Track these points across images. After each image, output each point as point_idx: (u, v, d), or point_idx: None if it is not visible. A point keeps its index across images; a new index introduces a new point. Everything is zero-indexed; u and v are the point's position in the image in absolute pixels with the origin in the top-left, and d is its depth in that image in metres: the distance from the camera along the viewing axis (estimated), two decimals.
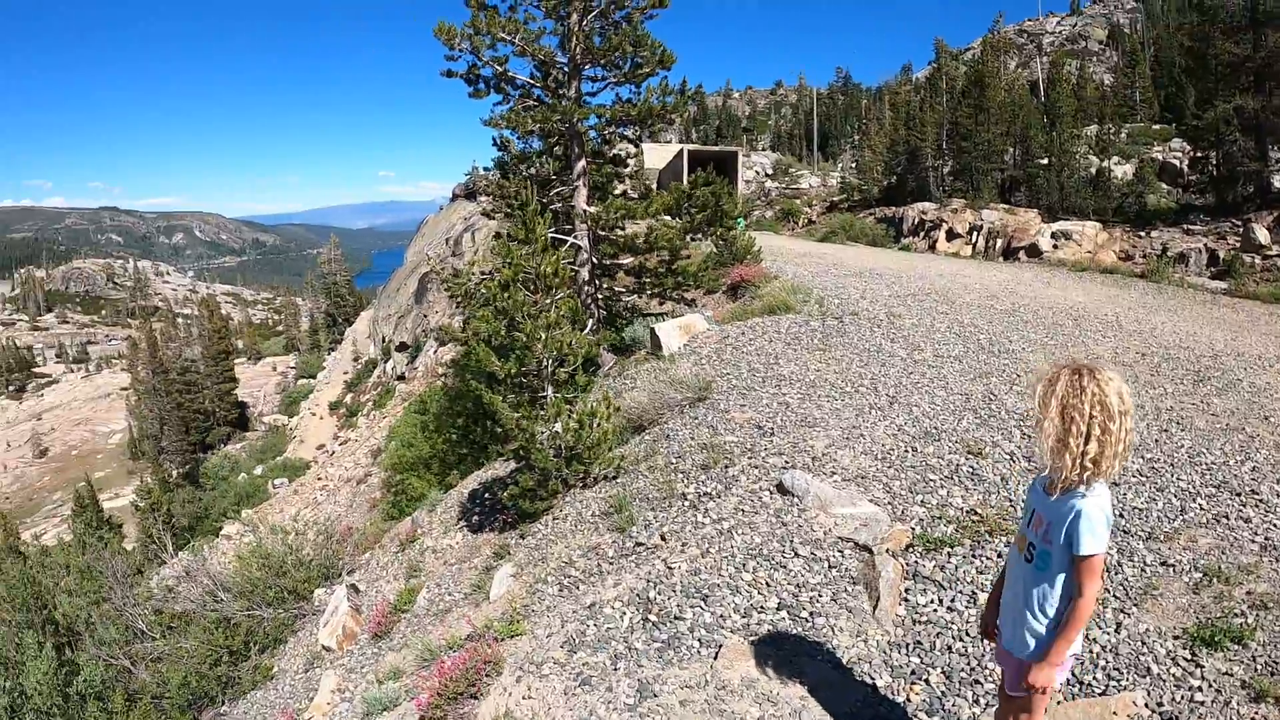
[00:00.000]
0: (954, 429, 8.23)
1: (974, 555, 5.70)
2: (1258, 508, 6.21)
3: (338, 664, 9.06)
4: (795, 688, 4.48)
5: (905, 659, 4.74)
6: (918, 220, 31.17)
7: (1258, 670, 4.31)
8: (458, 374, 23.70)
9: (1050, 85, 36.56)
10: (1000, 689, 3.40)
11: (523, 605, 6.56)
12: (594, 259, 15.69)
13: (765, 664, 4.68)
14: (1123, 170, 30.28)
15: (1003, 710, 3.43)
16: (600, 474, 8.87)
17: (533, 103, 15.17)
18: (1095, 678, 4.42)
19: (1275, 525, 5.91)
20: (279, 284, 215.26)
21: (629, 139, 16.89)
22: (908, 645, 4.86)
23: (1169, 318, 14.34)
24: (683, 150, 42.40)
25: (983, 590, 5.24)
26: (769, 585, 5.57)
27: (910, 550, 5.87)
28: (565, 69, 14.92)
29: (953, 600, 5.22)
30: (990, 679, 4.43)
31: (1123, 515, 6.11)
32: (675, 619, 5.34)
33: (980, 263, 24.87)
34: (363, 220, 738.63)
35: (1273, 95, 22.11)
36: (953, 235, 28.66)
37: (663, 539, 6.59)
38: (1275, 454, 7.38)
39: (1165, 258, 20.77)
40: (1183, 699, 4.20)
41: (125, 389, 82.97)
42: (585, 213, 14.98)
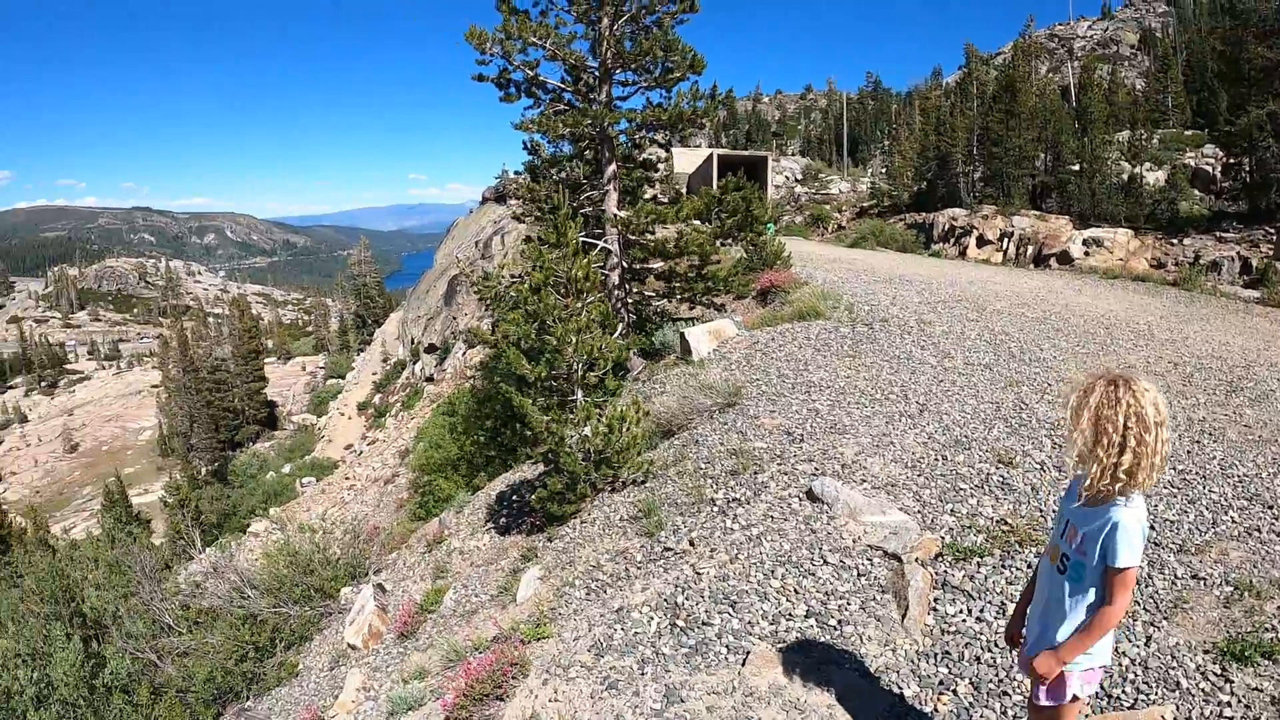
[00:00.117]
0: (984, 438, 8.19)
1: (1004, 565, 5.67)
2: None
3: (363, 662, 9.14)
4: (823, 695, 4.49)
5: (933, 669, 4.73)
6: (948, 226, 30.96)
7: None
8: (486, 376, 23.82)
9: (1081, 90, 36.14)
10: (1029, 701, 3.39)
11: (549, 608, 6.60)
12: (624, 263, 15.71)
13: (793, 671, 4.69)
14: (1155, 176, 29.89)
15: None
16: (629, 478, 8.90)
17: (564, 107, 15.22)
18: (1124, 691, 4.39)
19: None
20: (309, 285, 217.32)
21: (659, 143, 16.90)
22: (936, 655, 4.85)
23: (1201, 326, 14.17)
24: (712, 155, 42.24)
25: (1012, 601, 5.21)
26: (797, 592, 5.58)
27: (939, 559, 5.85)
28: (596, 73, 14.96)
29: (982, 611, 5.19)
30: (1019, 690, 4.42)
31: (1154, 527, 6.06)
32: (703, 625, 5.35)
33: (1011, 269, 24.68)
34: (392, 222, 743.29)
35: None
36: (983, 242, 28.46)
37: (691, 544, 6.61)
38: None
39: (1198, 265, 20.51)
40: (1212, 714, 4.17)
41: (156, 386, 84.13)
42: (616, 217, 15.02)
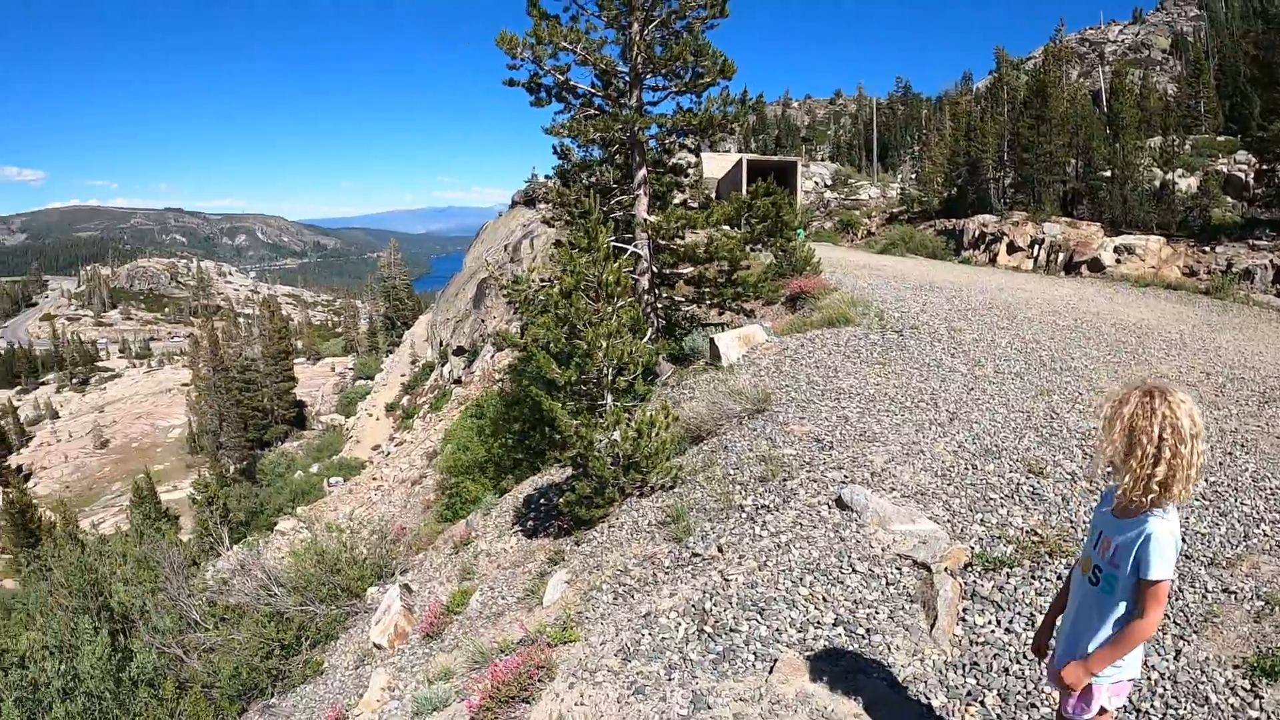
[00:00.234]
0: (1015, 447, 8.14)
1: (1033, 576, 5.64)
2: None
3: (388, 662, 9.20)
4: (850, 704, 4.48)
5: (961, 680, 4.72)
6: (978, 233, 30.73)
7: None
8: (514, 379, 23.90)
9: (1113, 95, 35.69)
10: (1057, 713, 3.38)
11: (577, 612, 6.64)
12: (654, 268, 15.76)
13: (820, 679, 4.69)
14: (1187, 183, 29.50)
15: None
16: (658, 483, 8.92)
17: (594, 111, 15.30)
18: (1153, 705, 4.37)
19: None
20: (339, 286, 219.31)
21: (689, 148, 16.93)
22: (964, 666, 4.84)
23: (1234, 336, 14.01)
24: (742, 160, 42.18)
25: (1041, 613, 5.18)
26: (826, 600, 5.58)
27: (969, 569, 5.83)
28: (626, 78, 15.03)
29: (1011, 622, 5.17)
30: (1047, 703, 4.40)
31: (1185, 540, 6.00)
32: (731, 631, 5.37)
33: (1041, 277, 24.46)
34: (421, 225, 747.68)
35: None
36: (1013, 248, 28.22)
37: (719, 550, 6.62)
38: None
39: (1230, 274, 20.23)
40: None
41: (186, 385, 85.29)
42: (646, 222, 15.07)
